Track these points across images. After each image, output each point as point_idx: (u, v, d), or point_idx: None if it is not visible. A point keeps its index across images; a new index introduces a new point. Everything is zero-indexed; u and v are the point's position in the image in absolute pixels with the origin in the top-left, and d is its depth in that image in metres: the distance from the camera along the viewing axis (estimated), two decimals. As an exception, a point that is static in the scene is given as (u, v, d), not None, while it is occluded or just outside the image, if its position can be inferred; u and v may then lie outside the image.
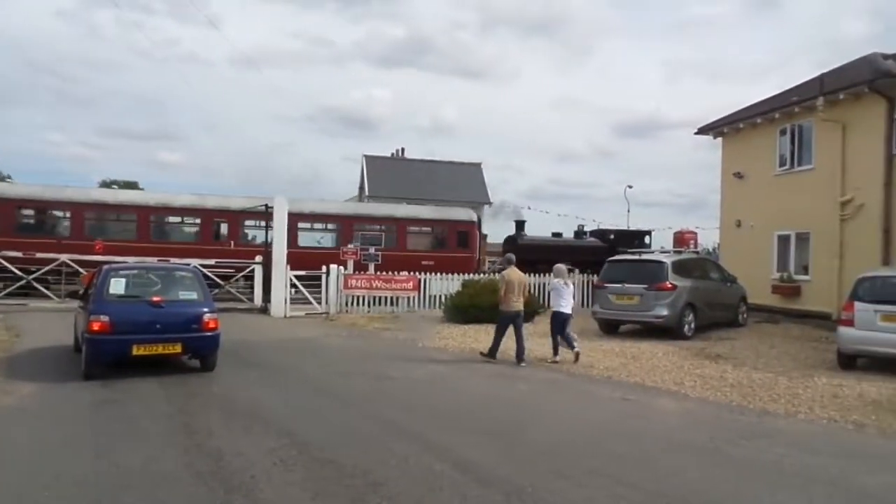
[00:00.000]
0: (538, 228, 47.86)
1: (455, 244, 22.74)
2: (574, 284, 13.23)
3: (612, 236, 24.68)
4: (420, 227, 23.08)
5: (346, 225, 21.87)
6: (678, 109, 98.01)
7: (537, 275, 18.10)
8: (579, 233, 25.65)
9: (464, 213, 24.09)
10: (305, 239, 21.14)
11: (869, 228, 14.13)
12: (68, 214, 19.62)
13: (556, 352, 10.57)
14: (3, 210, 18.67)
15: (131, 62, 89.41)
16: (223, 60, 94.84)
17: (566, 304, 10.61)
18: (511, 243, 22.62)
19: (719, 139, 19.61)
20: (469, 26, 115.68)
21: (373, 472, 4.90)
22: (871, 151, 14.14)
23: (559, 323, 10.54)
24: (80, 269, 16.25)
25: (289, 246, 17.32)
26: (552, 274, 11.22)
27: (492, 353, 10.52)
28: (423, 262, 19.97)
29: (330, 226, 22.12)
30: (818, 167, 15.72)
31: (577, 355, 10.38)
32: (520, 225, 23.85)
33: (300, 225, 20.78)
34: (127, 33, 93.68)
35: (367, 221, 22.57)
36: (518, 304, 10.49)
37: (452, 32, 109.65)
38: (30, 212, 19.80)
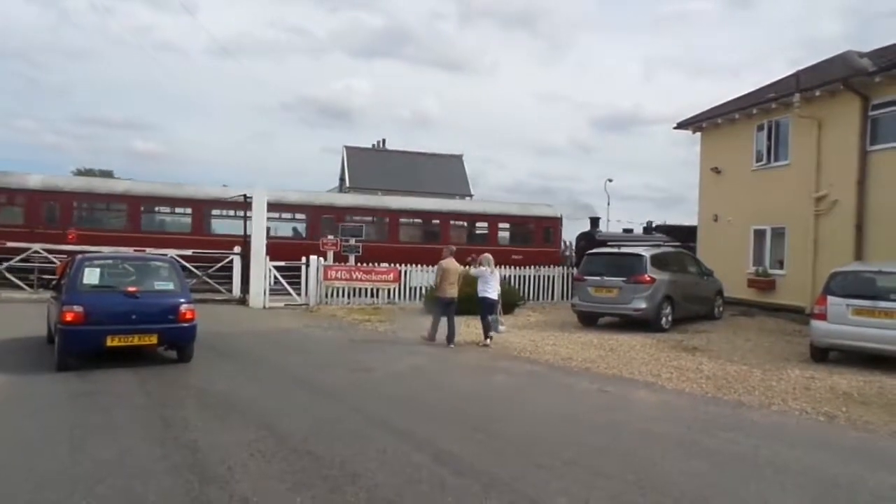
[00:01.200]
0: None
1: (541, 240, 23.78)
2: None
3: (679, 233, 24.89)
4: (509, 223, 24.13)
5: (443, 221, 22.86)
6: (657, 105, 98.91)
7: None
8: (648, 228, 25.89)
9: (549, 210, 25.07)
10: (405, 235, 22.31)
11: (842, 224, 14.36)
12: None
13: (486, 335, 11.37)
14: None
15: (105, 49, 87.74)
16: (199, 49, 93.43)
17: (492, 290, 11.41)
18: (587, 239, 22.79)
19: (698, 134, 19.78)
20: (449, 17, 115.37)
21: (351, 464, 4.89)
22: (845, 148, 14.35)
23: (486, 307, 11.32)
24: (54, 259, 15.99)
25: (392, 242, 18.78)
26: (479, 262, 11.89)
27: (431, 336, 11.40)
28: (513, 257, 20.72)
29: (434, 221, 23.07)
30: (794, 163, 15.93)
31: (489, 340, 11.22)
32: (594, 221, 24.04)
33: (401, 220, 22.27)
34: (100, 20, 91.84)
35: (459, 218, 23.72)
36: (452, 292, 11.48)
37: (432, 23, 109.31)
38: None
